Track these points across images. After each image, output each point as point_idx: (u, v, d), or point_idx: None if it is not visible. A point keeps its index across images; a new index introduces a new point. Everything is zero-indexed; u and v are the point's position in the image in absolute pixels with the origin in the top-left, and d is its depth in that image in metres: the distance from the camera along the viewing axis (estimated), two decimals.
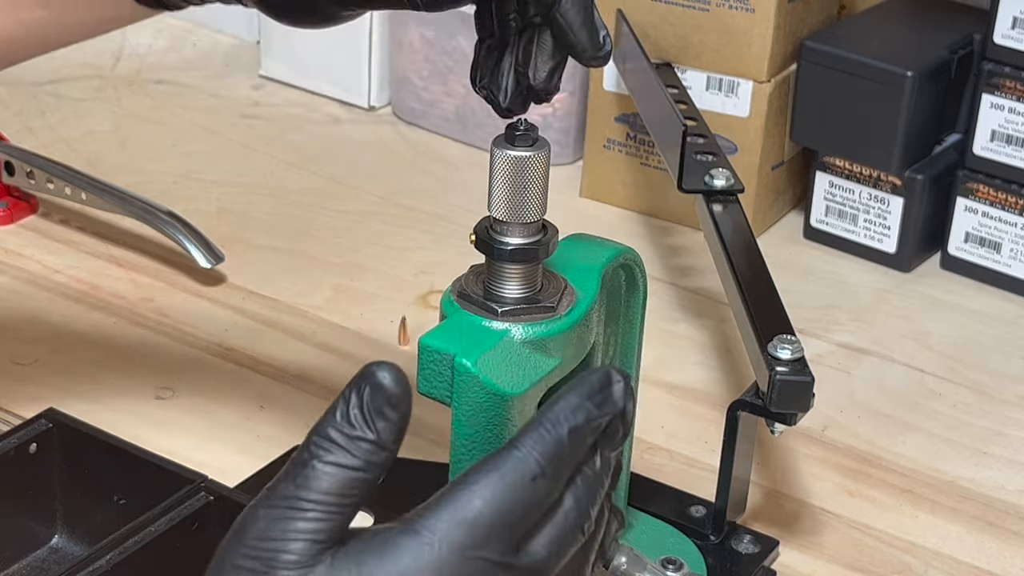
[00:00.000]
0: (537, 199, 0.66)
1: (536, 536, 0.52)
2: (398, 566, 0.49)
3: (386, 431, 0.50)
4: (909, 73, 1.07)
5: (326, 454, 0.50)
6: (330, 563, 0.49)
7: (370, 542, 0.50)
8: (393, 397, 0.50)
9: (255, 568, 0.49)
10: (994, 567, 0.84)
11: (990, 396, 0.98)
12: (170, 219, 1.05)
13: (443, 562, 0.49)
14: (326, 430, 0.50)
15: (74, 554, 0.80)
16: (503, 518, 0.51)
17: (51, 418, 0.81)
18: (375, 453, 0.50)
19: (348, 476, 0.50)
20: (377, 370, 0.50)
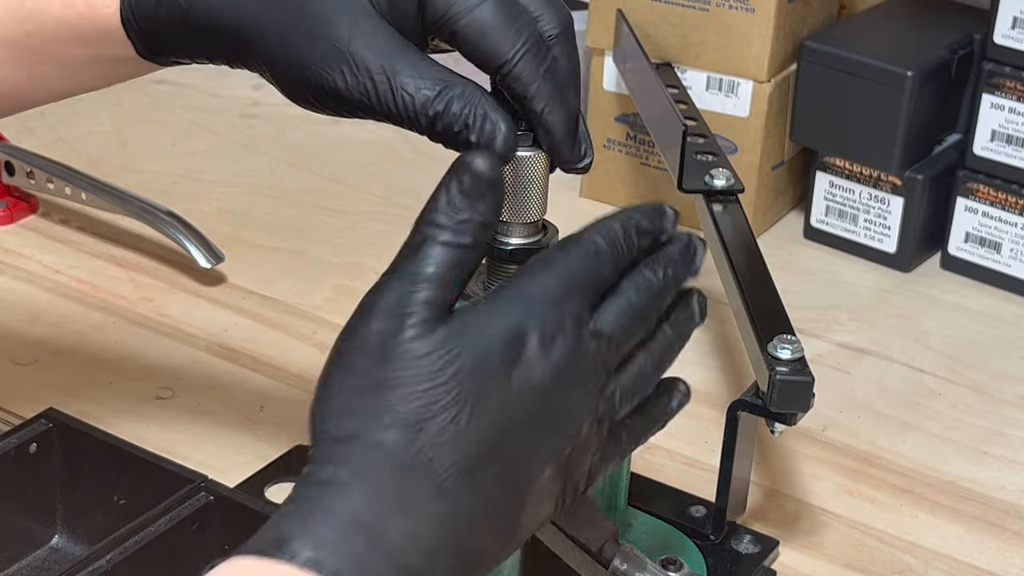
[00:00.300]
0: (537, 199, 0.66)
1: (603, 309, 0.59)
2: (500, 322, 0.57)
3: (487, 211, 0.58)
4: (909, 73, 1.07)
5: (439, 234, 0.58)
6: (446, 328, 0.56)
7: (476, 308, 0.57)
8: (489, 179, 0.58)
9: (383, 328, 0.56)
10: (994, 567, 0.84)
11: (990, 396, 0.98)
12: (170, 219, 1.05)
13: (534, 311, 0.57)
14: (434, 216, 0.58)
15: (74, 554, 0.80)
16: (574, 278, 0.58)
17: (51, 418, 0.81)
18: (480, 230, 0.58)
19: (458, 254, 0.57)
20: (472, 159, 0.58)
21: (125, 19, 0.68)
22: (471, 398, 0.55)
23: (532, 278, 0.58)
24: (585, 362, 0.58)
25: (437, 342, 0.56)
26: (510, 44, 0.63)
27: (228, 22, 0.66)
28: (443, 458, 0.55)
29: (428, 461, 0.54)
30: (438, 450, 0.54)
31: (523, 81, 0.63)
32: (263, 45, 0.65)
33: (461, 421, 0.55)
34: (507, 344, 0.56)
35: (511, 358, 0.56)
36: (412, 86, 0.63)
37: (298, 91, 0.66)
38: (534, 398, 0.57)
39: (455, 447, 0.55)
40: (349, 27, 0.64)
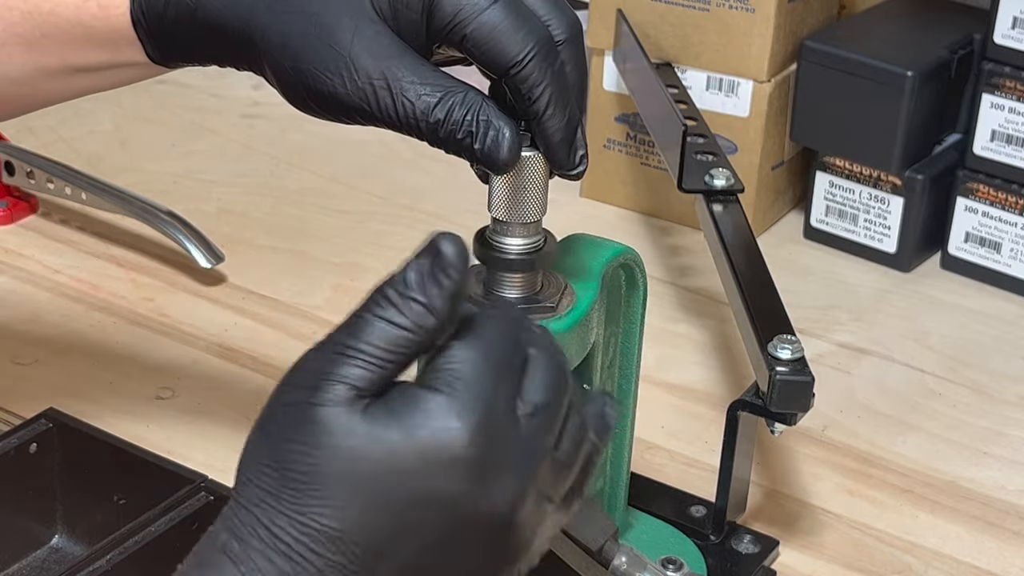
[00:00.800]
0: (537, 199, 0.66)
1: (525, 387, 0.55)
2: (425, 411, 0.52)
3: (438, 297, 0.53)
4: (909, 73, 1.07)
5: (379, 309, 0.54)
6: (364, 409, 0.52)
7: (401, 393, 0.53)
8: (450, 267, 0.54)
9: (299, 400, 0.53)
10: (994, 567, 0.84)
11: (990, 396, 0.98)
12: (170, 219, 1.05)
13: (461, 402, 0.53)
14: (384, 288, 0.54)
15: (74, 554, 0.80)
16: (501, 360, 0.54)
17: (51, 418, 0.81)
18: (424, 316, 0.53)
19: (396, 333, 0.53)
20: (440, 240, 0.54)
21: (135, 19, 0.69)
22: (373, 499, 0.51)
23: (458, 368, 0.54)
24: (527, 452, 0.54)
25: (346, 428, 0.52)
26: (520, 46, 0.63)
27: (233, 23, 0.66)
28: (331, 556, 0.51)
29: (311, 558, 0.51)
30: (324, 547, 0.51)
31: (530, 82, 0.63)
32: (265, 48, 0.65)
33: (359, 521, 0.51)
34: (433, 443, 0.52)
35: (437, 459, 0.52)
36: (413, 92, 0.63)
37: (298, 95, 0.66)
38: (461, 509, 0.52)
39: (346, 548, 0.52)
40: (350, 32, 0.64)
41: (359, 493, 0.52)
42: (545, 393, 0.55)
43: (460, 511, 0.52)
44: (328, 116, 0.66)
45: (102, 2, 0.69)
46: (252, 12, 0.66)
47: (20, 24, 0.71)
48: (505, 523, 0.54)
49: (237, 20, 0.66)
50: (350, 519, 0.52)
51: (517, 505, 0.54)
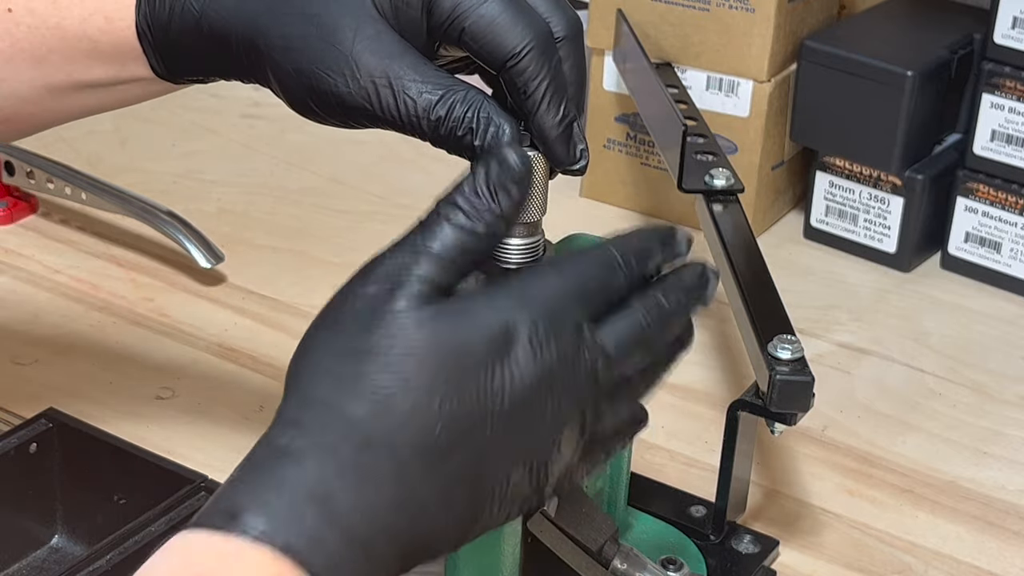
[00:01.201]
0: (537, 199, 0.66)
1: (609, 322, 0.59)
2: (495, 313, 0.56)
3: (508, 206, 0.58)
4: (909, 73, 1.07)
5: (453, 216, 0.57)
6: (438, 307, 0.56)
7: (473, 295, 0.57)
8: (517, 175, 0.58)
9: (376, 293, 0.56)
10: (994, 567, 0.84)
11: (990, 396, 0.98)
12: (170, 219, 1.05)
13: (532, 308, 0.56)
14: (454, 197, 0.57)
15: (74, 554, 0.80)
16: (585, 284, 0.58)
17: (51, 418, 0.82)
18: (495, 224, 0.57)
19: (468, 239, 0.57)
20: (506, 150, 0.58)
21: (141, 32, 0.69)
22: (447, 384, 0.54)
23: (540, 276, 0.58)
24: (578, 372, 0.58)
25: (425, 319, 0.55)
26: (518, 39, 0.63)
27: (237, 31, 0.66)
28: (406, 439, 0.54)
29: (390, 439, 0.54)
30: (402, 430, 0.54)
31: (526, 75, 0.63)
32: (268, 52, 0.65)
33: (433, 405, 0.54)
34: (496, 337, 0.56)
35: (498, 352, 0.55)
36: (414, 90, 0.63)
37: (301, 99, 0.66)
38: (514, 398, 0.56)
39: (420, 430, 0.54)
40: (352, 32, 0.64)
41: (438, 377, 0.54)
42: (618, 342, 0.59)
43: (514, 400, 0.56)
44: (331, 119, 0.66)
45: (108, 15, 0.69)
46: (255, 18, 0.66)
47: (26, 39, 0.71)
48: (545, 428, 0.57)
49: (241, 28, 0.66)
50: (430, 402, 0.54)
51: (559, 416, 0.57)
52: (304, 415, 0.55)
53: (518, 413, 0.56)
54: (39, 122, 0.75)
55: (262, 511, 0.52)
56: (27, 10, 0.70)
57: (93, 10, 0.69)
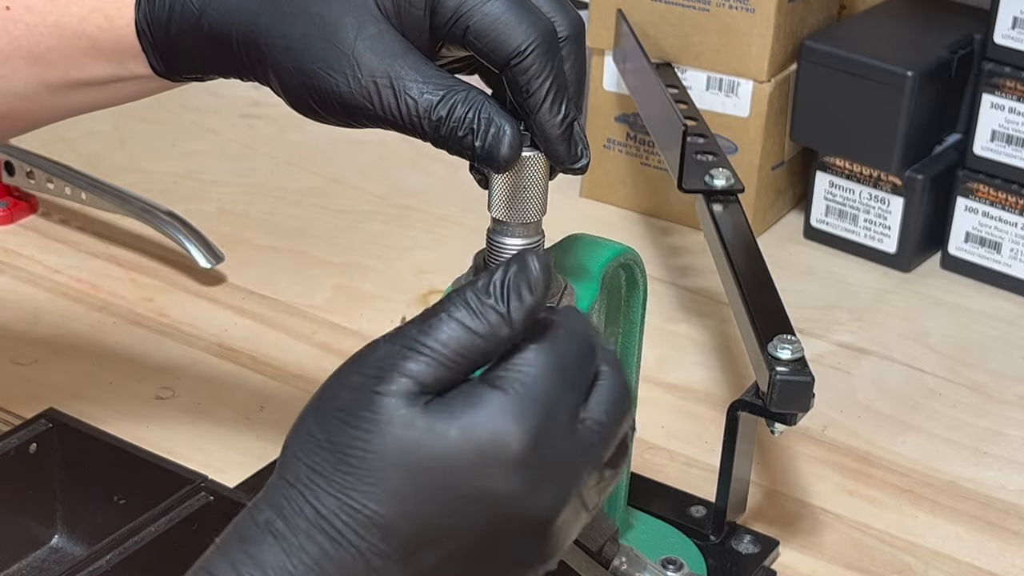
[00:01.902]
0: (537, 199, 0.66)
1: (592, 394, 0.56)
2: (486, 411, 0.53)
3: (517, 310, 0.54)
4: (909, 73, 1.07)
5: (455, 310, 0.54)
6: (425, 404, 0.53)
7: (464, 390, 0.54)
8: (534, 282, 0.54)
9: (363, 385, 0.53)
10: (994, 567, 0.84)
11: (990, 396, 0.98)
12: (170, 219, 1.05)
13: (525, 415, 0.53)
14: (464, 291, 0.55)
15: (74, 554, 0.80)
16: (569, 368, 0.55)
17: (51, 418, 0.81)
18: (500, 327, 0.54)
19: (468, 337, 0.54)
20: (528, 255, 0.55)
21: (140, 30, 0.68)
22: (421, 491, 0.52)
23: (529, 373, 0.54)
24: (578, 463, 0.55)
25: (406, 420, 0.53)
26: (523, 37, 0.63)
27: (238, 30, 0.66)
28: (372, 542, 0.53)
29: (356, 540, 0.52)
30: (368, 532, 0.52)
31: (529, 74, 0.63)
32: (269, 51, 0.65)
33: (403, 510, 0.52)
34: (484, 449, 0.53)
35: (486, 464, 0.53)
36: (416, 90, 0.63)
37: (302, 98, 0.65)
38: (505, 508, 0.53)
39: (388, 536, 0.53)
40: (353, 31, 0.64)
41: (411, 484, 0.52)
42: (608, 412, 0.56)
43: (505, 511, 0.53)
44: (331, 119, 0.66)
45: (108, 13, 0.69)
46: (256, 17, 0.66)
47: (25, 37, 0.70)
48: (546, 528, 0.55)
49: (242, 26, 0.66)
50: (399, 508, 0.52)
51: (560, 511, 0.55)
52: (282, 497, 0.54)
53: (508, 523, 0.54)
54: (36, 119, 0.75)
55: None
56: (25, 8, 0.70)
57: (92, 8, 0.69)
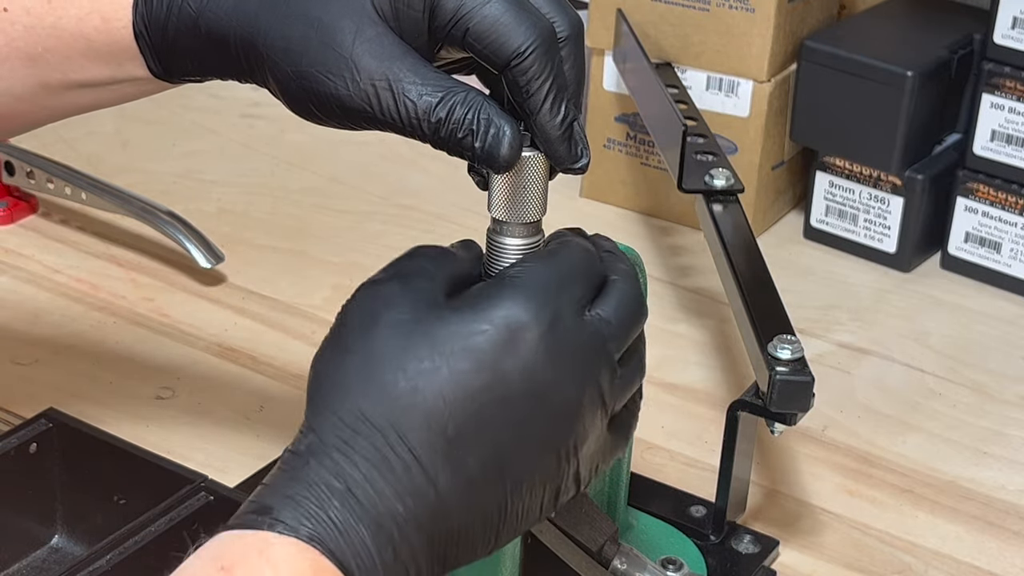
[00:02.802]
0: (537, 199, 0.66)
1: (600, 298, 0.61)
2: (496, 301, 0.58)
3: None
4: (909, 73, 1.07)
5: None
6: (446, 305, 0.59)
7: (476, 294, 0.59)
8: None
9: (387, 293, 0.60)
10: (994, 567, 0.84)
11: (990, 396, 0.98)
12: (170, 219, 1.05)
13: (534, 300, 0.59)
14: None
15: (74, 554, 0.80)
16: (574, 270, 0.61)
17: (51, 418, 0.81)
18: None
19: (478, 256, 0.64)
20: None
21: (138, 32, 0.68)
22: (461, 378, 0.56)
23: (535, 270, 0.60)
24: (588, 348, 0.60)
25: (435, 318, 0.58)
26: (523, 37, 0.63)
27: (236, 32, 0.66)
28: (417, 434, 0.56)
29: (401, 433, 0.56)
30: (411, 424, 0.56)
31: (529, 74, 0.63)
32: (268, 54, 0.65)
33: (440, 401, 0.56)
34: (503, 333, 0.57)
35: (506, 347, 0.57)
36: (414, 92, 0.63)
37: (301, 101, 0.66)
38: (528, 389, 0.58)
39: (430, 426, 0.56)
40: (352, 34, 0.64)
41: (443, 375, 0.57)
42: (617, 310, 0.61)
43: (531, 389, 0.58)
44: (331, 121, 0.66)
45: (105, 15, 0.69)
46: (255, 20, 0.66)
47: (22, 38, 0.70)
48: (571, 414, 0.59)
49: (240, 28, 0.66)
50: (436, 398, 0.56)
51: (582, 398, 0.59)
52: (319, 419, 0.57)
53: (535, 403, 0.58)
54: (33, 120, 0.75)
55: (287, 506, 0.54)
56: (23, 9, 0.70)
57: (90, 10, 0.69)
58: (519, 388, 0.57)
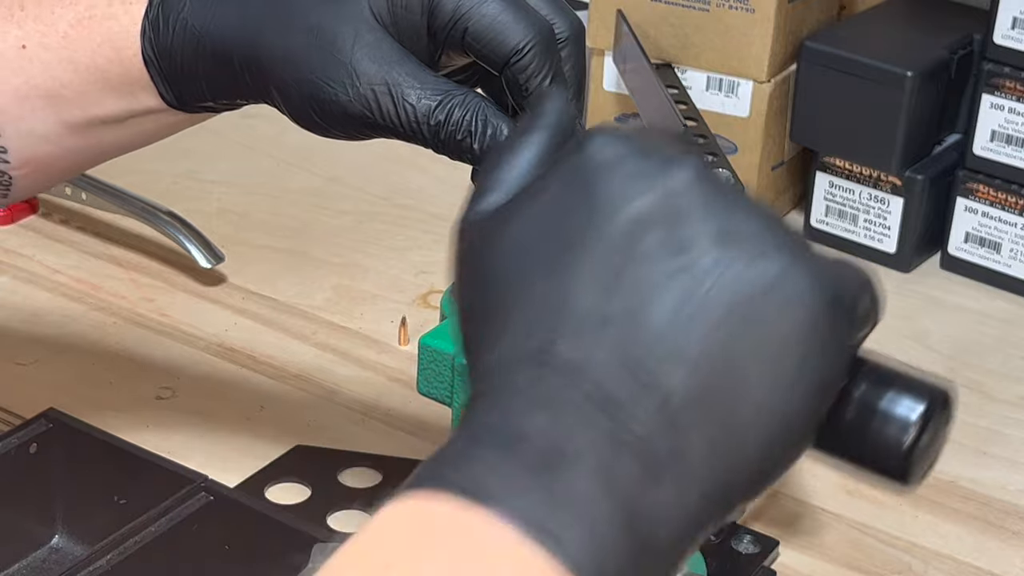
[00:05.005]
0: None
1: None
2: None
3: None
4: (909, 73, 1.07)
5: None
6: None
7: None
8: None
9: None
10: (994, 567, 0.84)
11: (990, 396, 0.98)
12: (170, 219, 1.05)
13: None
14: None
15: (74, 554, 0.80)
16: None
17: (51, 418, 0.81)
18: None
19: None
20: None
21: (147, 59, 0.69)
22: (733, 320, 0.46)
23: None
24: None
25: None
26: (522, 35, 0.63)
27: (239, 48, 0.66)
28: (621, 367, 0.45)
29: (645, 365, 0.45)
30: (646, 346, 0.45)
31: (529, 72, 0.63)
32: (271, 67, 0.66)
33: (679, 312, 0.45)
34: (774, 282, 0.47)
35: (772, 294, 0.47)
36: (413, 96, 0.64)
37: (303, 110, 0.66)
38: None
39: (664, 346, 0.45)
40: (351, 40, 0.64)
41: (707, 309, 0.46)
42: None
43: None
44: (334, 130, 0.66)
45: (116, 45, 0.70)
46: (256, 34, 0.66)
47: (41, 75, 0.71)
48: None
49: (242, 44, 0.66)
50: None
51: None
52: (518, 367, 0.46)
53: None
54: (59, 166, 0.75)
55: (507, 484, 0.43)
56: (40, 46, 0.70)
57: (101, 40, 0.70)
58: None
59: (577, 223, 0.47)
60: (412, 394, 0.79)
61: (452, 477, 0.44)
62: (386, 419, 0.92)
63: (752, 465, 0.48)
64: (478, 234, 0.50)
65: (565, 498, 0.43)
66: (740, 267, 0.46)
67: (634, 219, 0.47)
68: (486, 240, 0.49)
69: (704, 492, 0.46)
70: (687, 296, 0.46)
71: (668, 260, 0.46)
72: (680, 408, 0.45)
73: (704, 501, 0.46)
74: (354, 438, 0.90)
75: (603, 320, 0.46)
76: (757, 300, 0.46)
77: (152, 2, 0.69)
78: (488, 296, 0.48)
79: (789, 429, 0.49)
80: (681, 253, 0.46)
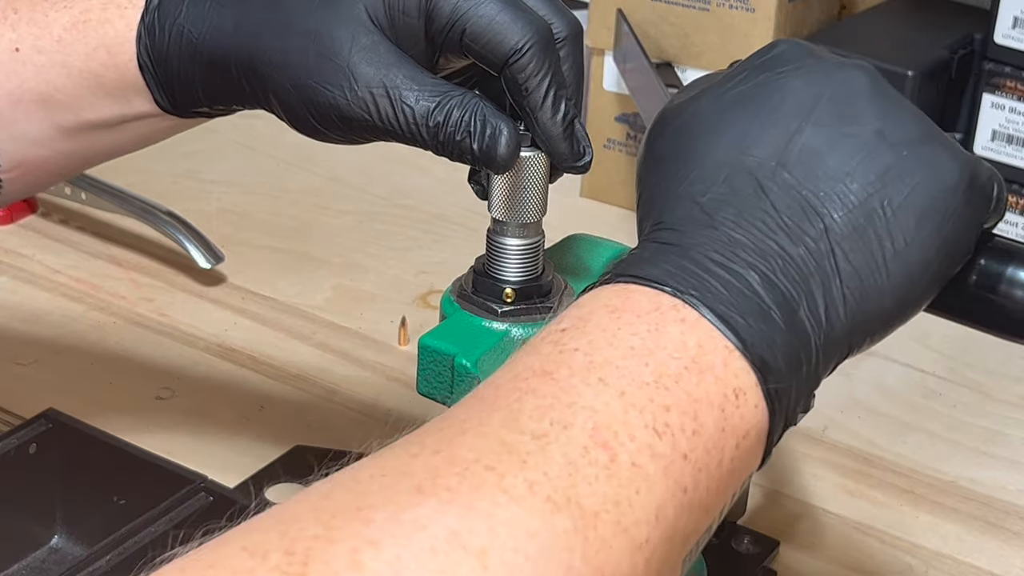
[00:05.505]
0: (537, 199, 0.66)
1: None
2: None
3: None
4: (910, 73, 1.07)
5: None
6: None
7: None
8: None
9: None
10: (994, 567, 0.84)
11: (990, 396, 0.98)
12: (170, 219, 1.05)
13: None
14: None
15: (74, 554, 0.80)
16: None
17: (51, 418, 0.81)
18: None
19: None
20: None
21: (142, 64, 0.69)
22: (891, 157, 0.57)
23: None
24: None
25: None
26: (520, 35, 0.63)
27: (236, 54, 0.66)
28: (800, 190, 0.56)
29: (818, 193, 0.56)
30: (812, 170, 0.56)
31: (527, 71, 0.63)
32: (268, 72, 0.66)
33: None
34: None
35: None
36: (412, 98, 0.63)
37: (302, 115, 0.66)
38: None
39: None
40: (348, 43, 0.64)
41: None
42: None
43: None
44: (333, 134, 0.66)
45: (111, 50, 0.69)
46: (253, 40, 0.66)
47: (34, 79, 0.71)
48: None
49: (240, 49, 0.66)
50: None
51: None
52: (703, 196, 0.57)
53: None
54: (51, 169, 0.75)
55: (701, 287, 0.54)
56: (34, 49, 0.70)
57: (96, 45, 0.69)
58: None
59: (764, 95, 0.58)
60: (412, 394, 0.79)
61: (640, 274, 0.55)
62: (386, 419, 0.92)
63: (887, 300, 0.58)
64: (677, 108, 0.61)
65: (740, 295, 0.54)
66: (897, 140, 0.57)
67: (814, 95, 0.57)
68: (684, 108, 0.60)
69: (849, 312, 0.57)
70: (852, 154, 0.56)
71: (839, 126, 0.57)
72: (839, 237, 0.55)
73: (848, 323, 0.58)
74: (354, 438, 0.90)
75: (780, 164, 0.56)
76: (911, 166, 0.57)
77: (148, 7, 0.68)
78: (682, 144, 0.59)
79: (923, 272, 0.58)
80: (851, 123, 0.57)
